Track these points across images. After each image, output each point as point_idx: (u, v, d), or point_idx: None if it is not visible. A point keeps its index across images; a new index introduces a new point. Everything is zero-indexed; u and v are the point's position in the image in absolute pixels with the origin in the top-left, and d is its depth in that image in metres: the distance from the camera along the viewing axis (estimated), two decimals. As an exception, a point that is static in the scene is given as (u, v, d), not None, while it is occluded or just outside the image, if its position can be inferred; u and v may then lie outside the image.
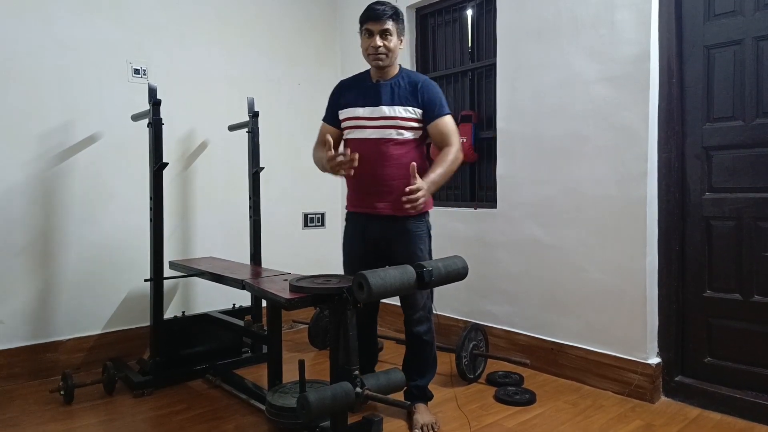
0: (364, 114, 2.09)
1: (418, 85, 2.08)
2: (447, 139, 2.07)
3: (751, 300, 2.18)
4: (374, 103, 2.08)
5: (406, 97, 2.08)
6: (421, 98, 2.07)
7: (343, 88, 2.21)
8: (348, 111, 2.13)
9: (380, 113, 2.07)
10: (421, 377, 2.19)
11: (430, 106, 2.07)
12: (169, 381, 2.53)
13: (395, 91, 2.09)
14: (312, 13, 3.73)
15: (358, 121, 2.10)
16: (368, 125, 2.08)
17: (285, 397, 1.94)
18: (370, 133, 2.08)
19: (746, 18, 2.16)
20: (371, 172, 2.06)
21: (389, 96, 2.09)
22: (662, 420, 2.14)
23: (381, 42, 2.03)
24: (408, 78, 2.12)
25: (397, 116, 2.06)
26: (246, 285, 2.13)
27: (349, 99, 2.14)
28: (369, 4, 2.08)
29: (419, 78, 2.13)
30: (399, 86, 2.10)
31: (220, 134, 3.23)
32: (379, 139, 2.06)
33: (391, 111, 2.07)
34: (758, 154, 2.15)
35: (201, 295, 3.15)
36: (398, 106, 2.07)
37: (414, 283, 1.69)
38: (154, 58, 2.99)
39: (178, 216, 3.10)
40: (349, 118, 2.13)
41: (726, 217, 2.24)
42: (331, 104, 2.22)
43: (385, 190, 2.07)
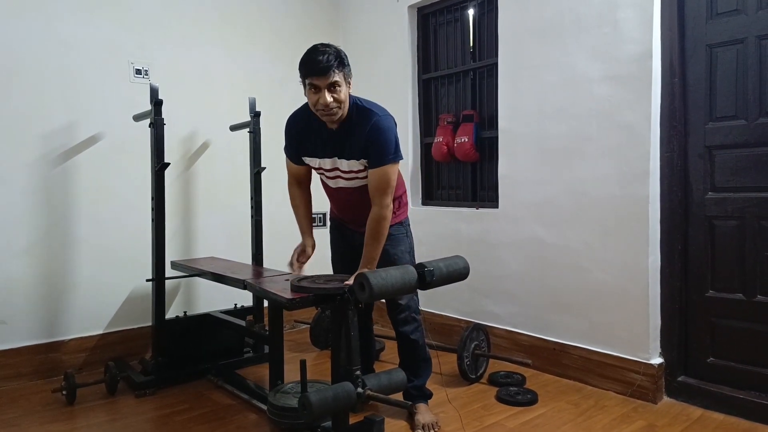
0: (327, 166, 2.04)
1: (369, 134, 1.91)
2: (373, 196, 1.95)
3: (754, 300, 2.17)
4: (332, 154, 1.99)
5: (359, 149, 1.94)
6: (368, 149, 1.92)
7: (299, 131, 2.05)
8: (313, 161, 2.06)
9: (341, 166, 2.00)
10: (416, 377, 2.17)
11: (372, 156, 1.93)
12: (171, 381, 2.54)
13: (351, 142, 1.95)
14: (314, 12, 3.73)
15: (323, 172, 2.08)
16: (330, 176, 2.07)
17: (286, 397, 1.94)
18: (341, 183, 2.07)
19: (749, 17, 2.15)
20: (349, 211, 2.16)
21: (346, 148, 1.96)
22: (665, 420, 2.13)
23: (330, 97, 1.84)
24: (360, 121, 1.93)
25: (354, 170, 1.99)
26: (247, 285, 2.13)
27: (309, 148, 2.04)
28: (308, 52, 1.88)
29: (371, 124, 1.91)
30: (353, 134, 1.93)
31: (221, 134, 3.24)
32: (347, 188, 2.07)
33: (348, 166, 1.99)
34: (761, 153, 2.14)
35: (203, 296, 3.15)
36: (354, 161, 1.97)
37: (415, 283, 1.69)
38: (156, 58, 2.99)
39: (180, 216, 3.11)
40: (315, 167, 2.09)
41: (729, 217, 2.23)
42: (291, 144, 2.10)
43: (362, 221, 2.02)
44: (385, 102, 3.53)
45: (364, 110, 1.95)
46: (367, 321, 2.36)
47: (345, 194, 2.09)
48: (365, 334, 2.32)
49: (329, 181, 2.10)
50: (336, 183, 2.07)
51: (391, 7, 3.49)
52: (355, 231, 2.18)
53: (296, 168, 2.14)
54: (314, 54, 1.86)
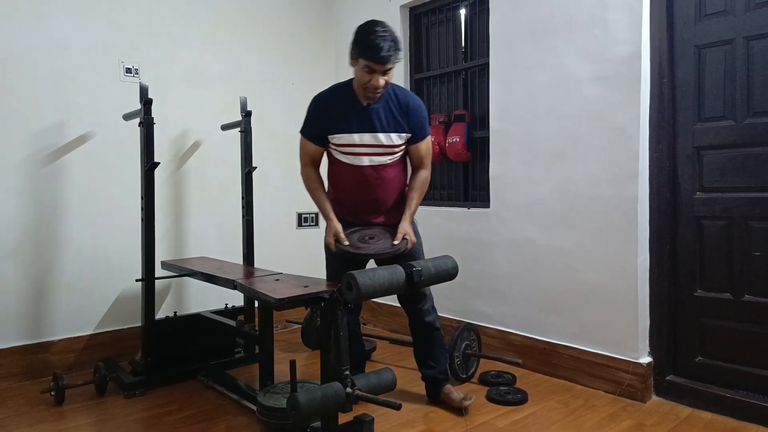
0: (361, 141, 2.06)
1: (409, 108, 2.10)
2: (423, 162, 2.19)
3: (742, 299, 2.18)
4: (369, 129, 2.06)
5: (399, 123, 2.08)
6: (410, 122, 2.10)
7: (327, 109, 2.09)
8: (342, 137, 2.07)
9: (377, 141, 2.07)
10: (439, 363, 2.29)
11: (417, 130, 2.13)
12: (161, 381, 2.53)
13: (388, 117, 2.07)
14: (307, 12, 3.72)
15: (354, 147, 2.08)
16: (364, 152, 2.08)
17: (276, 397, 1.94)
18: (366, 161, 2.09)
19: (737, 18, 2.16)
20: (369, 196, 2.14)
21: (383, 122, 2.07)
22: (653, 419, 2.15)
23: (383, 81, 1.98)
24: (397, 98, 2.09)
25: (393, 144, 2.09)
26: (237, 285, 2.13)
27: (341, 124, 2.06)
28: (370, 34, 1.93)
29: (409, 99, 2.12)
30: (390, 110, 2.07)
31: (213, 134, 3.23)
32: (378, 165, 2.10)
33: (387, 139, 2.08)
34: (749, 153, 2.15)
35: (194, 296, 3.14)
36: (393, 134, 2.08)
37: (403, 283, 1.69)
38: (147, 57, 2.98)
39: (171, 216, 3.10)
40: (343, 144, 2.09)
41: (717, 217, 2.24)
42: (314, 124, 2.12)
43: (380, 208, 2.18)
44: (378, 102, 3.55)
45: (399, 90, 2.14)
46: (354, 320, 2.38)
47: (371, 173, 2.10)
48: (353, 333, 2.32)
49: (356, 159, 2.09)
50: (364, 161, 2.08)
51: (384, 6, 3.49)
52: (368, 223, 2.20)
53: (315, 149, 2.15)
54: (377, 39, 1.91)
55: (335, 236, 2.10)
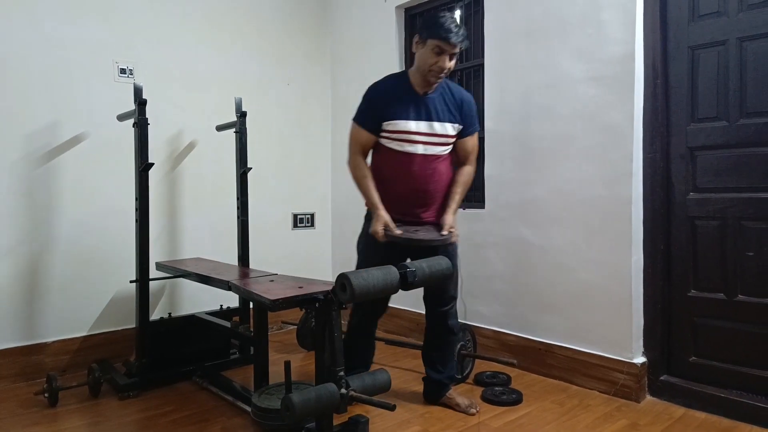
0: (416, 129, 2.07)
1: (463, 102, 2.14)
2: (469, 157, 2.20)
3: (735, 299, 2.19)
4: (427, 117, 2.08)
5: (453, 114, 2.12)
6: (463, 115, 2.14)
7: (387, 97, 2.10)
8: (398, 123, 2.07)
9: (433, 130, 2.08)
10: (447, 368, 2.29)
11: (468, 124, 2.16)
12: (156, 383, 2.52)
13: (443, 107, 2.10)
14: (302, 13, 3.72)
15: (410, 135, 2.07)
16: (419, 140, 2.07)
17: (270, 398, 1.94)
18: (420, 149, 2.08)
19: (730, 19, 2.17)
20: (420, 187, 2.11)
21: (440, 112, 2.10)
22: (648, 419, 2.15)
23: (449, 64, 2.02)
24: (451, 91, 2.14)
25: (448, 134, 2.11)
26: (232, 286, 2.12)
27: (398, 110, 2.07)
28: (444, 20, 1.99)
29: (462, 93, 2.17)
30: (444, 101, 2.11)
31: (208, 134, 3.22)
32: (431, 155, 2.10)
33: (443, 129, 2.10)
34: (741, 154, 2.16)
35: (188, 297, 3.13)
36: (448, 124, 2.11)
37: (397, 284, 1.69)
38: (141, 57, 2.97)
39: (166, 217, 3.09)
40: (398, 131, 2.07)
41: (710, 217, 2.25)
42: (371, 111, 2.11)
43: (430, 202, 2.15)
44: (373, 102, 3.55)
45: (452, 85, 2.18)
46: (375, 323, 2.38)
47: (424, 162, 2.09)
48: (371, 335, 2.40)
49: (410, 147, 2.07)
50: (418, 149, 2.07)
51: (379, 7, 3.49)
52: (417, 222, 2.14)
53: (367, 138, 2.13)
54: (449, 22, 1.98)
55: (385, 225, 2.04)
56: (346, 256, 3.79)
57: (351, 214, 3.76)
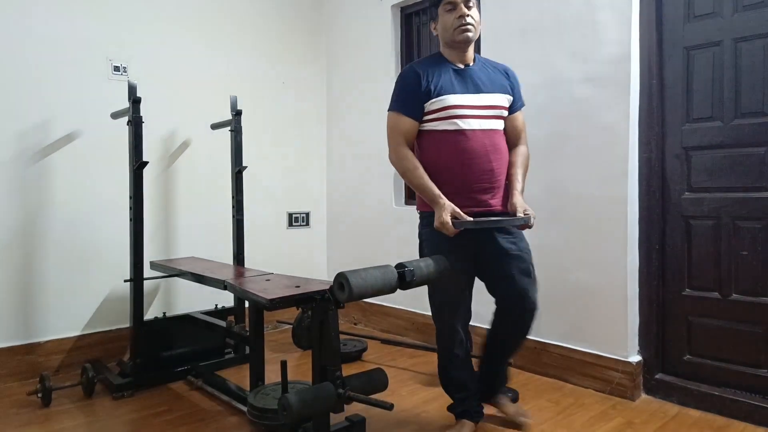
0: (466, 102, 1.84)
1: (508, 72, 1.98)
2: (521, 136, 2.02)
3: (730, 298, 2.21)
4: (475, 89, 1.87)
5: (501, 84, 1.93)
6: (512, 85, 1.97)
7: (426, 73, 1.86)
8: (444, 99, 1.84)
9: (484, 101, 1.87)
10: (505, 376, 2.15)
11: (517, 96, 1.99)
12: (150, 383, 2.50)
13: (489, 77, 1.92)
14: (297, 11, 3.71)
15: (461, 110, 1.84)
16: (471, 114, 1.84)
17: (267, 398, 1.93)
18: (475, 124, 1.84)
19: (725, 19, 2.19)
20: (484, 166, 1.85)
21: (487, 82, 1.90)
22: (642, 417, 2.16)
23: (470, 11, 1.84)
24: (492, 64, 1.98)
25: (501, 105, 1.91)
26: (227, 285, 2.11)
27: (441, 85, 1.85)
28: None
29: (506, 66, 2.01)
30: (488, 72, 1.93)
31: (202, 133, 3.20)
32: (489, 130, 1.87)
33: (495, 99, 1.90)
34: (736, 154, 2.18)
35: (183, 296, 3.11)
36: (499, 94, 1.91)
37: (395, 283, 1.69)
38: (135, 55, 2.95)
39: (160, 216, 3.07)
40: (446, 108, 1.84)
41: (705, 217, 2.27)
42: (410, 93, 1.87)
43: (496, 185, 1.89)
44: (369, 101, 3.57)
45: (490, 60, 2.02)
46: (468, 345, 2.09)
47: (483, 139, 1.85)
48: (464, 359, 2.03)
49: (464, 123, 1.84)
50: (473, 124, 1.85)
51: (375, 6, 3.49)
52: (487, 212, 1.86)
53: (410, 125, 1.88)
54: None
55: (453, 214, 1.77)
56: (341, 256, 3.79)
57: (346, 213, 3.76)
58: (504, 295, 1.98)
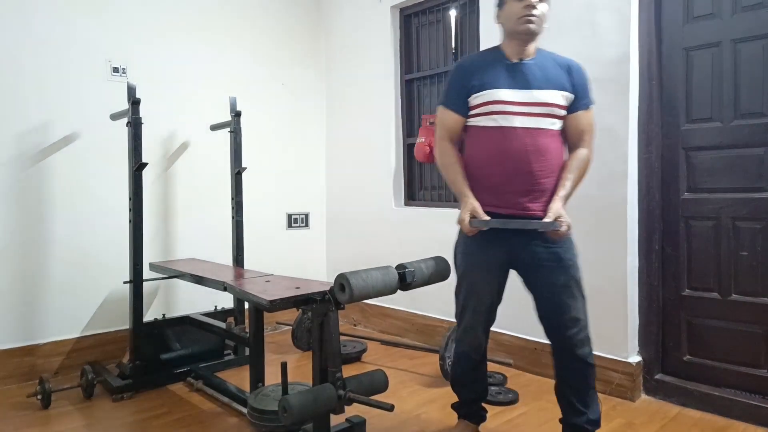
0: (511, 98, 1.73)
1: (571, 68, 1.80)
2: (583, 137, 1.81)
3: (729, 299, 2.21)
4: (524, 85, 1.74)
5: (559, 80, 1.76)
6: (573, 81, 1.79)
7: (472, 68, 1.80)
8: (487, 94, 1.75)
9: (533, 98, 1.73)
10: (588, 408, 1.79)
11: (580, 93, 1.79)
12: (150, 385, 2.50)
13: (545, 72, 1.76)
14: (296, 12, 3.71)
15: (503, 105, 1.73)
16: (516, 111, 1.73)
17: (267, 399, 1.92)
18: (520, 121, 1.72)
19: (724, 21, 2.19)
20: (521, 167, 1.72)
21: (541, 77, 1.75)
22: (643, 418, 2.16)
23: (537, 1, 1.70)
24: (553, 59, 1.81)
25: (554, 103, 1.74)
26: (227, 287, 2.11)
27: (486, 80, 1.75)
28: None
29: (569, 60, 1.83)
30: (546, 67, 1.78)
31: (202, 134, 3.20)
32: (534, 129, 1.73)
33: (547, 96, 1.73)
34: (736, 155, 2.18)
35: (183, 298, 3.11)
36: (554, 91, 1.74)
37: (396, 284, 1.69)
38: (135, 56, 2.95)
39: (160, 217, 3.06)
40: (488, 103, 1.75)
41: (705, 217, 2.27)
42: (456, 88, 1.81)
43: (537, 189, 1.74)
44: (369, 102, 3.57)
45: (554, 53, 1.85)
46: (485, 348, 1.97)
47: (524, 137, 1.72)
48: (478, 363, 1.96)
49: (504, 120, 1.73)
50: (514, 122, 1.72)
51: (374, 7, 3.49)
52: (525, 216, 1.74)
53: (455, 120, 1.82)
54: None
55: (472, 213, 1.72)
56: (341, 257, 3.78)
57: (345, 214, 3.76)
58: (541, 312, 1.83)
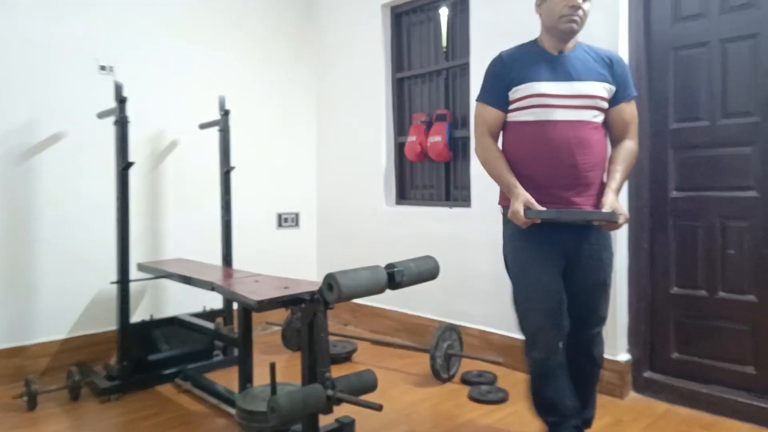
0: (552, 91, 1.69)
1: (612, 60, 1.76)
2: (628, 129, 1.77)
3: (717, 297, 2.23)
4: (565, 77, 1.70)
5: (600, 72, 1.73)
6: (615, 74, 1.75)
7: (512, 61, 1.76)
8: (527, 87, 1.71)
9: (575, 90, 1.69)
10: (589, 408, 1.86)
11: (622, 85, 1.75)
12: (137, 386, 2.47)
13: (586, 65, 1.73)
14: (287, 11, 3.69)
15: (544, 99, 1.69)
16: (558, 104, 1.69)
17: (255, 400, 1.91)
18: (562, 115, 1.69)
19: (711, 20, 2.20)
20: (565, 160, 1.68)
21: (582, 69, 1.72)
22: (631, 416, 2.17)
23: (582, 1, 1.66)
24: (593, 51, 1.78)
25: (596, 95, 1.71)
26: (216, 287, 2.09)
27: (526, 73, 1.72)
28: None
29: (611, 53, 1.80)
30: (587, 60, 1.74)
31: (190, 133, 3.17)
32: (576, 122, 1.69)
33: (589, 88, 1.70)
34: (723, 154, 2.20)
35: (171, 298, 3.08)
36: (596, 82, 1.71)
37: (385, 284, 1.68)
38: (122, 54, 2.92)
39: (148, 216, 3.03)
40: (529, 96, 1.71)
41: (693, 216, 2.28)
42: (495, 83, 1.77)
43: (582, 182, 1.71)
44: (360, 100, 3.56)
45: (594, 46, 1.81)
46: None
47: (566, 131, 1.68)
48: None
49: (544, 113, 1.70)
50: (556, 114, 1.69)
51: (364, 6, 3.48)
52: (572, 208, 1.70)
53: (495, 116, 1.78)
54: None
55: (526, 204, 1.64)
56: (331, 257, 3.77)
57: (336, 214, 3.75)
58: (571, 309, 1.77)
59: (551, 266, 1.72)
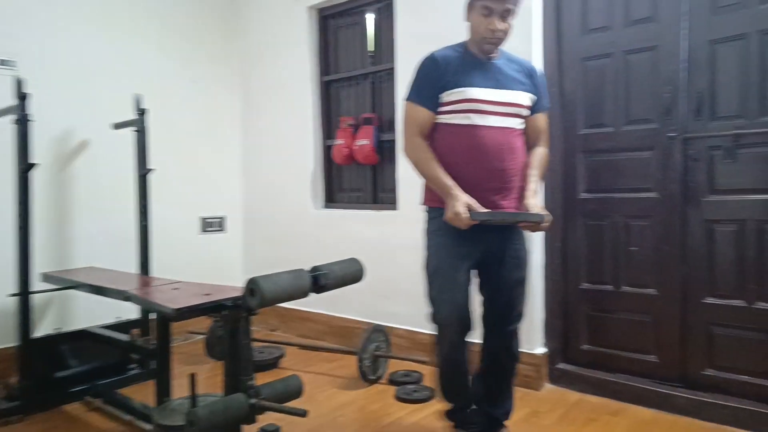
0: (486, 97, 1.75)
1: (533, 72, 1.88)
2: (541, 137, 1.90)
3: (620, 290, 2.40)
4: (496, 85, 1.78)
5: (525, 83, 1.83)
6: (536, 85, 1.86)
7: (446, 63, 1.78)
8: (462, 91, 1.75)
9: (505, 98, 1.77)
10: (509, 400, 1.98)
11: (541, 97, 1.88)
12: (42, 406, 2.28)
13: (513, 74, 1.82)
14: (208, 11, 3.56)
15: (478, 104, 1.75)
16: (491, 110, 1.76)
17: (173, 414, 1.82)
18: (491, 120, 1.76)
19: (616, 33, 2.37)
20: (496, 165, 1.76)
21: (510, 78, 1.81)
22: (547, 406, 2.29)
23: (501, 25, 1.72)
24: (515, 61, 1.87)
25: (522, 104, 1.81)
26: (130, 296, 1.97)
27: (461, 77, 1.76)
28: None
29: (531, 64, 1.92)
30: (512, 68, 1.83)
31: (103, 133, 2.98)
32: (505, 128, 1.78)
33: (517, 97, 1.80)
34: (626, 158, 2.37)
35: (81, 310, 2.87)
36: (522, 92, 1.81)
37: (309, 287, 1.67)
38: (24, 47, 2.69)
39: (55, 223, 2.82)
40: (464, 100, 1.75)
41: (601, 216, 2.45)
42: (427, 84, 1.79)
43: (509, 185, 1.80)
44: (287, 103, 3.50)
45: (512, 54, 1.89)
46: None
47: (498, 136, 1.76)
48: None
49: (479, 119, 1.75)
50: (489, 120, 1.76)
51: (290, 7, 3.43)
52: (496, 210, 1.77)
53: (426, 116, 1.80)
54: None
55: (468, 206, 1.68)
56: (259, 261, 3.68)
57: (263, 217, 3.66)
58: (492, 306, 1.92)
59: (468, 266, 1.82)
